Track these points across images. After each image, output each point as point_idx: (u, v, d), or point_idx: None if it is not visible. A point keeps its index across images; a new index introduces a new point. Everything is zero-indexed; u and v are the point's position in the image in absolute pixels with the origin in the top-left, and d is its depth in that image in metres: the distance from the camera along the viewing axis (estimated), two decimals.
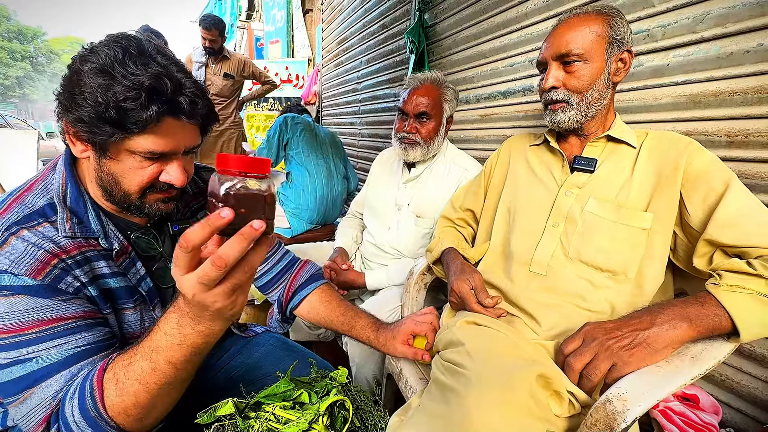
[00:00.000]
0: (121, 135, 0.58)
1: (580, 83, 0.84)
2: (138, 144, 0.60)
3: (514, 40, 1.62)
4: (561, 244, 0.86)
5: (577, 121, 0.87)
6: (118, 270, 0.67)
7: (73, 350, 0.57)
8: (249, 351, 0.93)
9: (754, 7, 0.88)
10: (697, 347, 0.65)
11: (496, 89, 1.75)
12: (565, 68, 0.86)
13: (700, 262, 0.73)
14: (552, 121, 0.89)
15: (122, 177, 0.62)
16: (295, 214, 2.11)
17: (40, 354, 0.55)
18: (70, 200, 0.64)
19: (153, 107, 0.57)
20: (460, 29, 1.95)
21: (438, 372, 0.70)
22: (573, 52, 0.83)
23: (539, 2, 1.48)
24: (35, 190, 0.63)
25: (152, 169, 0.63)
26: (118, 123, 0.56)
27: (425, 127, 1.30)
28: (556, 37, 0.86)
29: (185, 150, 0.66)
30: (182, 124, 0.62)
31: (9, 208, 0.60)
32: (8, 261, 0.54)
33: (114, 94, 0.55)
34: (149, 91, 0.56)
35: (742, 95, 0.91)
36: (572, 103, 0.86)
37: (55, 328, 0.56)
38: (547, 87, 0.87)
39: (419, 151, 1.31)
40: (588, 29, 0.83)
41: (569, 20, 0.86)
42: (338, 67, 3.95)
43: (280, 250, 0.99)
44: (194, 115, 0.63)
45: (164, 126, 0.60)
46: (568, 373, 0.66)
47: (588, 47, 0.83)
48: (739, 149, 0.93)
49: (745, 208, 0.70)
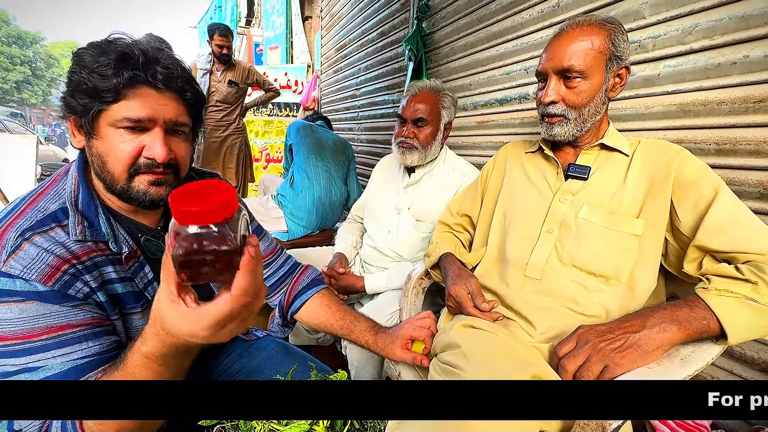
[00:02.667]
0: (98, 105, 0.60)
1: (579, 99, 0.85)
2: (115, 113, 0.61)
3: (510, 48, 1.65)
4: (555, 249, 0.88)
5: (572, 135, 0.88)
6: (125, 275, 0.68)
7: (75, 362, 0.57)
8: (250, 355, 0.95)
9: (740, 21, 0.91)
10: (687, 349, 0.67)
11: (492, 97, 1.78)
12: (565, 83, 0.85)
13: (690, 267, 0.76)
14: (549, 133, 0.90)
15: (107, 156, 0.63)
16: (293, 218, 2.12)
17: (46, 363, 0.55)
18: (82, 204, 0.64)
19: (124, 73, 0.59)
20: (457, 37, 1.99)
21: (435, 373, 0.72)
22: (575, 68, 0.82)
23: (535, 12, 1.51)
24: (48, 194, 0.64)
25: (133, 143, 0.63)
26: (93, 92, 0.59)
27: (422, 133, 1.34)
28: (558, 48, 0.85)
29: (168, 124, 0.65)
30: (159, 93, 0.63)
31: (23, 213, 0.60)
32: (21, 266, 0.55)
33: (88, 66, 0.59)
34: (119, 57, 0.59)
35: (730, 105, 0.94)
36: (569, 118, 0.87)
37: (62, 336, 0.57)
38: (546, 101, 0.87)
39: (417, 156, 1.35)
40: (590, 44, 0.82)
41: (572, 31, 0.84)
42: (337, 74, 3.98)
43: (282, 255, 1.00)
44: (169, 83, 0.63)
45: (139, 94, 0.61)
46: (562, 375, 0.68)
47: (589, 64, 0.82)
48: (728, 157, 0.96)
49: (733, 215, 0.72)
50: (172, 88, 0.64)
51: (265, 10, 6.86)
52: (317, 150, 2.16)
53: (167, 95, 0.64)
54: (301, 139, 2.17)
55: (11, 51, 27.57)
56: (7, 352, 0.54)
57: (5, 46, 27.34)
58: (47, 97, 32.32)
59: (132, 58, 0.60)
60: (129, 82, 0.60)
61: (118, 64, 0.59)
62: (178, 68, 0.65)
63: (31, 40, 29.59)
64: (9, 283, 0.54)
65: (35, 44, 30.38)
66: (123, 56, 0.59)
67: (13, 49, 27.89)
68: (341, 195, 2.23)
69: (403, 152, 1.36)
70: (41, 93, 30.93)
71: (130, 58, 0.60)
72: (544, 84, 0.89)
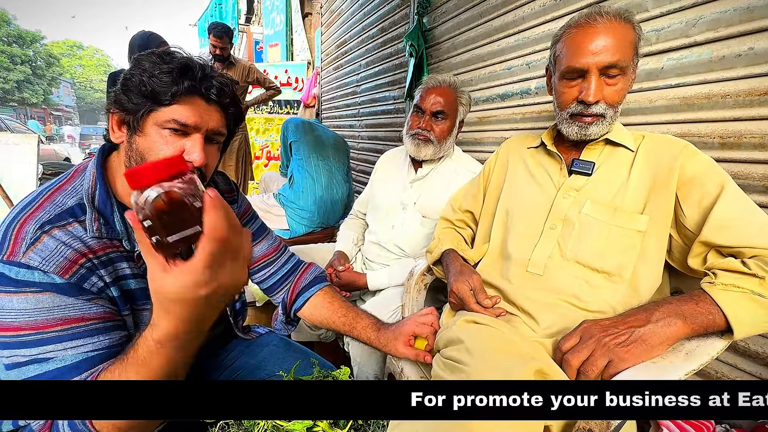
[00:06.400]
0: (152, 106, 0.63)
1: (618, 97, 0.81)
2: (165, 114, 0.64)
3: (511, 43, 1.64)
4: (558, 245, 0.88)
5: (604, 133, 0.85)
6: (138, 272, 0.69)
7: (86, 354, 0.58)
8: (252, 351, 0.95)
9: (744, 12, 0.90)
10: (692, 344, 0.67)
11: (494, 92, 1.77)
12: (605, 80, 0.81)
13: (695, 262, 0.75)
14: (583, 133, 0.85)
15: (148, 152, 0.65)
16: (295, 216, 2.12)
17: (57, 354, 0.56)
18: (98, 201, 0.66)
19: (183, 82, 0.64)
20: (458, 33, 1.98)
21: (438, 369, 0.72)
22: (620, 64, 0.78)
23: (536, 6, 1.50)
24: (65, 190, 0.66)
25: (175, 145, 0.65)
26: (151, 94, 0.63)
27: (440, 126, 1.32)
28: (599, 42, 0.78)
29: (208, 133, 0.68)
30: (208, 105, 0.67)
31: (41, 207, 0.62)
32: (39, 258, 0.56)
33: (151, 72, 0.63)
34: (181, 69, 0.64)
35: (734, 98, 0.93)
36: (606, 116, 0.82)
37: (75, 329, 0.58)
38: (593, 100, 0.80)
39: (431, 150, 1.33)
40: (629, 38, 0.79)
41: (609, 24, 0.79)
42: (337, 70, 3.97)
43: (285, 253, 1.01)
44: (220, 98, 0.68)
45: (191, 102, 0.65)
46: (566, 370, 0.67)
47: (629, 60, 0.79)
48: (732, 151, 0.95)
49: (739, 210, 0.72)
50: (219, 102, 0.69)
51: (265, 7, 6.84)
52: (318, 149, 2.15)
53: (214, 107, 0.69)
54: (300, 137, 2.14)
55: (12, 50, 27.56)
56: (20, 343, 0.55)
57: (5, 45, 27.32)
58: (48, 97, 32.31)
59: (191, 71, 0.65)
60: (186, 91, 0.64)
61: (179, 73, 0.64)
62: (228, 86, 0.71)
63: (31, 39, 29.56)
64: (27, 274, 0.56)
65: (35, 43, 30.35)
66: (185, 67, 0.65)
67: (14, 49, 27.88)
68: (343, 193, 2.23)
69: (417, 144, 1.33)
70: (42, 92, 30.93)
71: (190, 70, 0.65)
72: (574, 80, 0.83)
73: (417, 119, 1.34)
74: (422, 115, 1.33)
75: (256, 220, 1.00)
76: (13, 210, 0.62)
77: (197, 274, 0.44)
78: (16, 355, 0.56)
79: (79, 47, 44.61)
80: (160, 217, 0.41)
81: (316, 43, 5.00)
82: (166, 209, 0.41)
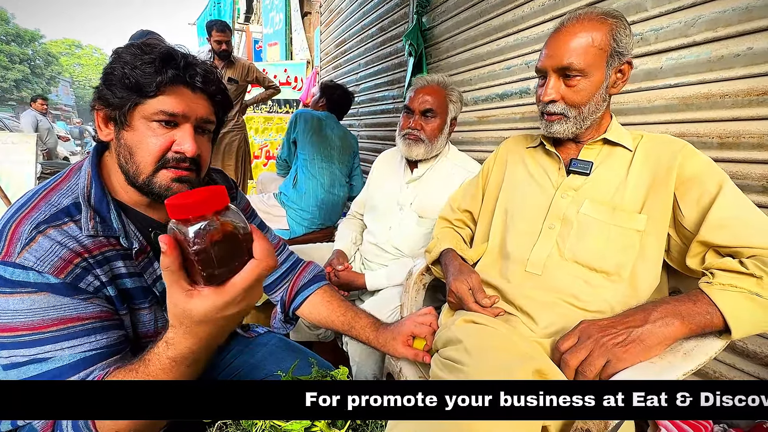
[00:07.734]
0: (136, 99, 0.62)
1: (579, 98, 0.83)
2: (151, 107, 0.63)
3: (510, 43, 1.64)
4: (557, 245, 0.88)
5: (572, 132, 0.88)
6: (134, 270, 0.69)
7: (84, 353, 0.58)
8: (251, 351, 0.95)
9: (743, 12, 0.90)
10: (690, 344, 0.67)
11: (493, 92, 1.77)
12: (564, 81, 0.84)
13: (693, 262, 0.75)
14: (548, 131, 0.90)
15: (137, 147, 0.65)
16: (296, 217, 2.12)
17: (55, 354, 0.56)
18: (94, 200, 0.65)
19: (167, 71, 0.63)
20: (457, 32, 1.98)
21: (437, 369, 0.72)
22: (574, 66, 0.80)
23: (536, 6, 1.50)
24: (61, 189, 0.65)
25: (164, 137, 0.65)
26: (135, 86, 0.62)
27: (430, 125, 1.32)
28: (557, 45, 0.83)
29: (198, 122, 0.68)
30: (194, 93, 0.67)
31: (36, 207, 0.61)
32: (34, 258, 0.56)
33: (133, 64, 0.62)
34: (163, 58, 0.63)
35: (733, 98, 0.93)
36: (569, 116, 0.85)
37: (72, 328, 0.58)
38: (546, 100, 0.86)
39: (422, 149, 1.33)
40: (591, 40, 0.80)
41: (571, 26, 0.82)
42: (337, 70, 3.97)
43: (284, 251, 1.00)
44: (206, 85, 0.68)
45: (176, 92, 0.65)
46: (564, 370, 0.67)
47: (589, 61, 0.80)
48: (731, 150, 0.95)
49: (737, 210, 0.72)
50: (206, 90, 0.68)
51: (264, 6, 6.83)
52: (323, 150, 2.11)
53: (200, 96, 0.68)
54: (306, 136, 2.10)
55: (10, 49, 27.51)
56: (17, 343, 0.55)
57: (4, 44, 27.27)
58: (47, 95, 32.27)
59: (174, 60, 0.64)
60: (170, 80, 0.63)
61: (162, 63, 0.63)
62: (213, 74, 0.70)
63: (30, 38, 29.51)
64: (22, 274, 0.55)
65: (34, 42, 30.30)
66: (167, 56, 0.64)
67: (12, 48, 27.83)
68: (344, 194, 2.22)
69: (408, 144, 1.33)
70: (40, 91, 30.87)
71: (172, 59, 0.64)
72: (544, 80, 0.87)
73: (407, 119, 1.35)
74: (412, 115, 1.34)
75: (255, 218, 1.00)
76: (9, 210, 0.61)
77: (233, 295, 0.45)
78: (14, 355, 0.56)
79: (78, 46, 44.59)
80: (214, 249, 0.42)
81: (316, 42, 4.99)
82: (221, 242, 0.43)
